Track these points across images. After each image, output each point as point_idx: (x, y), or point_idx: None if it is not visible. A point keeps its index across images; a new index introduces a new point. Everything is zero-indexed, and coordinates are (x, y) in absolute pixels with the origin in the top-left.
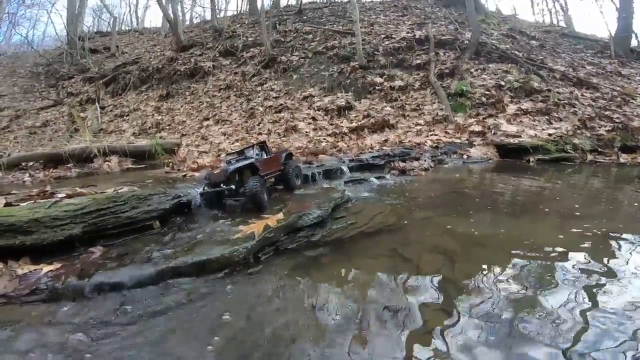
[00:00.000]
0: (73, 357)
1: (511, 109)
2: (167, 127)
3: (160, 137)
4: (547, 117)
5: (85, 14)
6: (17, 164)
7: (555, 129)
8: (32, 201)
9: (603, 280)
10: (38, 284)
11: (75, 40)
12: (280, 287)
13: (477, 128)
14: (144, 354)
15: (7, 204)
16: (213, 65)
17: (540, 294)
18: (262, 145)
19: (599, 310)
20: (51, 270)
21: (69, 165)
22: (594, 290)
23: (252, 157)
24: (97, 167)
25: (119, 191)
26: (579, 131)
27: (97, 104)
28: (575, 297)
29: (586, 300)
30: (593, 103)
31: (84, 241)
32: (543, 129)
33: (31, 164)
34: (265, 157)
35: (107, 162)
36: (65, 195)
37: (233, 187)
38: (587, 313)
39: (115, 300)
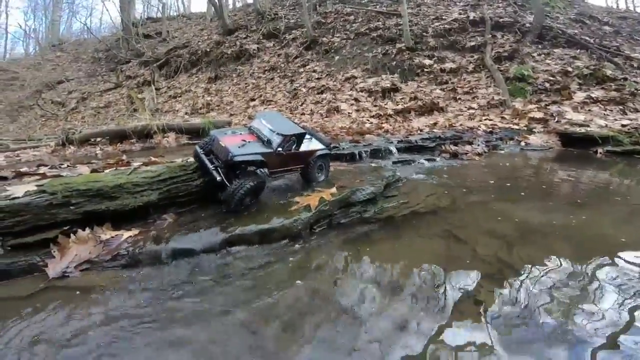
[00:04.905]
0: (152, 321)
1: (579, 96)
2: (217, 107)
3: (211, 117)
4: (621, 107)
5: (135, 1)
6: (87, 140)
7: (630, 120)
8: (114, 168)
9: None
10: (119, 249)
11: (129, 26)
12: (334, 259)
13: (538, 115)
14: (215, 321)
15: (93, 171)
16: (257, 47)
17: (594, 292)
18: (300, 137)
19: None
20: (130, 237)
21: (132, 141)
22: None
23: (272, 149)
24: (157, 142)
25: (188, 161)
26: None
27: (152, 86)
28: (632, 300)
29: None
30: None
31: (157, 208)
32: (615, 120)
33: (99, 139)
34: (291, 150)
35: (165, 138)
36: (141, 163)
37: (218, 179)
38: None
39: (188, 266)
